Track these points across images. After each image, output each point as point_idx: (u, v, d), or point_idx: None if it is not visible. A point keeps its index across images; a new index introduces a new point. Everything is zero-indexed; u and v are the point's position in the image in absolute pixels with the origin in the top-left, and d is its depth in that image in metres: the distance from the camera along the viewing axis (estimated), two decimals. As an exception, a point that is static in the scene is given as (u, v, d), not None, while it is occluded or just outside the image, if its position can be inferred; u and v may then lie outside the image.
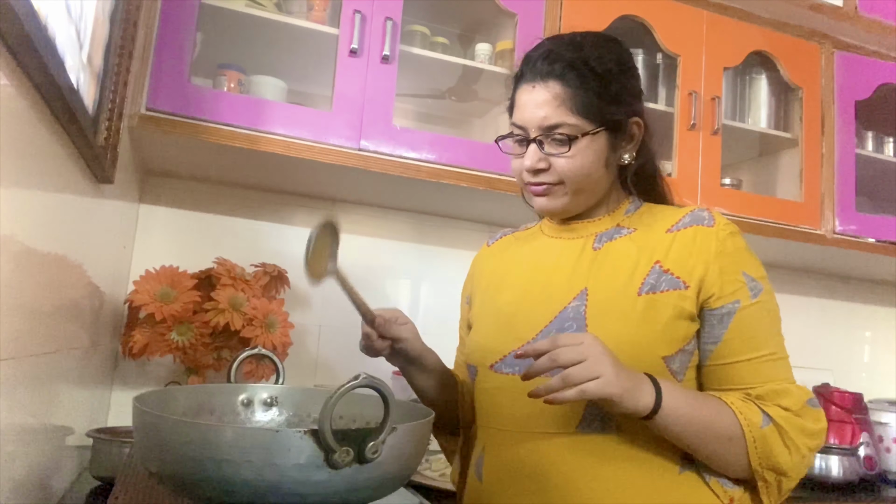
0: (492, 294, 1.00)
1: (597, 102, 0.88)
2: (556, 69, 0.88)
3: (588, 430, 0.84)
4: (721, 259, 0.86)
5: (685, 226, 0.89)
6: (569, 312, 0.87)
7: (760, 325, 0.86)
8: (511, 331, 0.91)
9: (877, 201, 2.10)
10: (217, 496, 0.60)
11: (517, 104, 0.93)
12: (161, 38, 1.31)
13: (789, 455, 0.81)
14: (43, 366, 0.81)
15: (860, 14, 1.86)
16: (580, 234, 0.96)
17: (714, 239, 0.86)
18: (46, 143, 0.73)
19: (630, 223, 0.94)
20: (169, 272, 1.40)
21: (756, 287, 0.86)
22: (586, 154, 0.89)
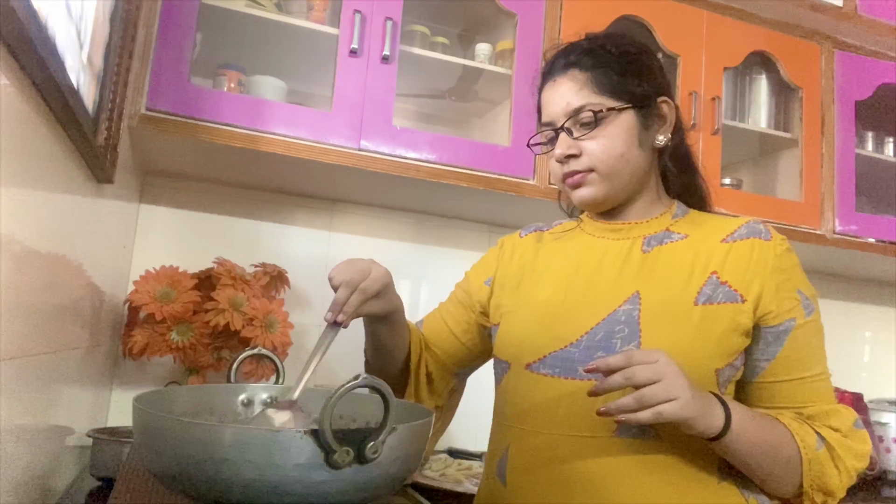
0: (528, 287, 0.95)
1: (618, 79, 0.88)
2: (573, 59, 0.89)
3: (626, 434, 0.81)
4: (778, 275, 0.84)
5: (742, 237, 0.87)
6: (619, 316, 0.84)
7: (812, 344, 0.86)
8: (552, 330, 0.88)
9: (877, 201, 2.09)
10: (217, 496, 0.60)
11: (543, 103, 0.93)
12: (161, 38, 1.31)
13: (839, 477, 0.81)
14: (43, 366, 0.81)
15: (860, 14, 1.86)
16: (627, 236, 0.92)
17: (772, 254, 0.85)
18: (46, 143, 0.73)
19: (680, 228, 0.91)
20: (169, 272, 1.40)
21: (809, 306, 0.86)
22: (615, 133, 0.87)
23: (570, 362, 0.85)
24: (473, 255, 1.92)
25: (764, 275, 0.84)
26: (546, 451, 0.84)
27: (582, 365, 0.83)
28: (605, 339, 0.84)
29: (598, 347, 0.84)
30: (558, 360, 0.85)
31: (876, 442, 1.87)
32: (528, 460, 0.85)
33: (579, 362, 0.84)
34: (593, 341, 0.84)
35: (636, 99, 0.89)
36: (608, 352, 0.83)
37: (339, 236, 1.79)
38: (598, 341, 0.84)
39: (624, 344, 0.83)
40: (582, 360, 0.83)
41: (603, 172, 0.88)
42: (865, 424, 1.83)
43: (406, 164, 1.47)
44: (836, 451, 0.81)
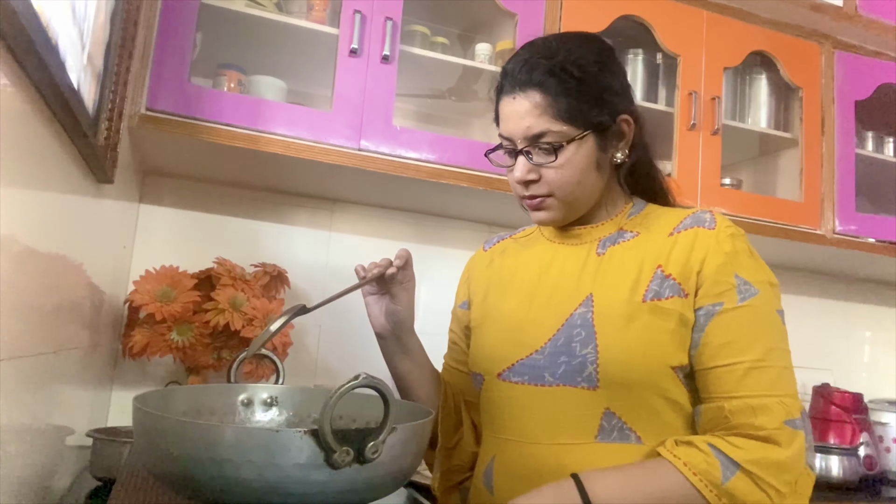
0: (494, 300, 0.97)
1: (579, 106, 0.85)
2: (535, 77, 0.85)
3: (607, 439, 0.81)
4: (715, 259, 0.82)
5: (686, 227, 0.86)
6: (576, 319, 0.85)
7: (743, 329, 0.80)
8: (518, 338, 0.89)
9: (877, 201, 2.10)
10: (217, 496, 0.60)
11: (501, 116, 0.91)
12: (161, 38, 1.31)
13: (769, 500, 0.74)
14: (43, 366, 0.81)
15: (860, 14, 1.86)
16: (584, 240, 0.93)
17: (713, 241, 0.83)
18: (46, 143, 0.73)
19: (632, 226, 0.91)
20: (169, 272, 1.40)
21: (749, 290, 0.81)
22: (575, 161, 0.86)
23: (537, 369, 0.85)
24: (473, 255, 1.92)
25: (703, 261, 0.82)
26: (529, 460, 0.84)
27: (548, 371, 0.84)
28: (565, 344, 0.84)
29: (560, 353, 0.84)
30: (526, 368, 0.86)
31: (876, 442, 1.87)
32: (513, 469, 0.86)
33: (545, 368, 0.85)
34: (556, 347, 0.85)
35: (595, 125, 0.87)
36: (570, 356, 0.83)
37: (339, 236, 1.79)
38: (560, 346, 0.84)
39: (582, 347, 0.82)
40: (547, 367, 0.84)
41: (561, 198, 0.88)
42: (865, 425, 1.84)
43: (406, 164, 1.47)
44: (753, 473, 0.73)
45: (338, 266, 1.77)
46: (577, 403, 0.81)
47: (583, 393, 0.82)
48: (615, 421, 0.81)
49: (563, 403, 0.82)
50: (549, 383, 0.84)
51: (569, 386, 0.82)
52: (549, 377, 0.84)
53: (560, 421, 0.83)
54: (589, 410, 0.81)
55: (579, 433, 0.82)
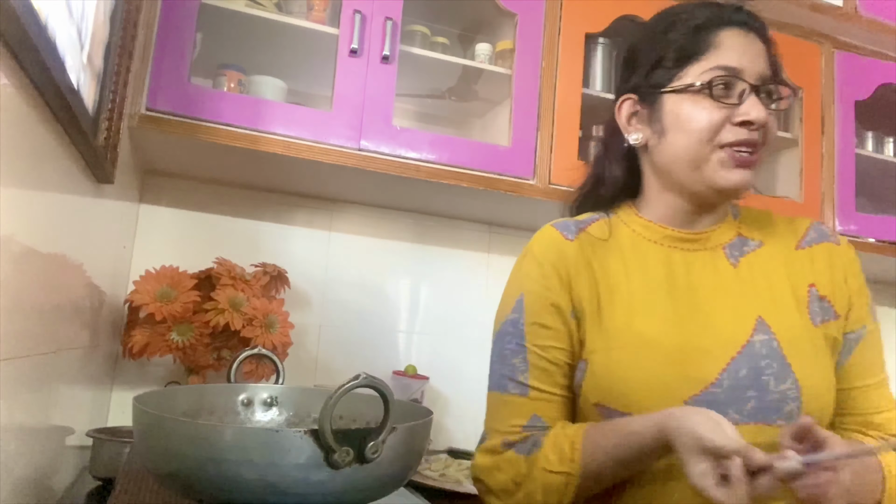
0: (611, 315, 0.80)
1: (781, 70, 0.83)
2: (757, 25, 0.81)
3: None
4: (853, 281, 0.81)
5: (815, 242, 0.83)
6: (758, 348, 0.75)
7: (877, 348, 0.82)
8: (682, 371, 0.75)
9: (877, 201, 2.09)
10: (217, 496, 0.60)
11: (723, 45, 0.78)
12: (161, 38, 1.31)
13: None
14: (43, 366, 0.81)
15: (860, 14, 1.86)
16: (705, 246, 0.82)
17: (846, 258, 0.82)
18: (46, 143, 0.73)
19: (748, 232, 0.84)
20: (169, 272, 1.40)
21: (873, 309, 0.83)
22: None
23: (717, 405, 0.70)
24: (474, 255, 1.93)
25: (848, 284, 0.81)
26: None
27: (733, 407, 0.73)
28: (751, 377, 0.74)
29: (746, 387, 0.74)
30: (702, 404, 0.72)
31: (876, 442, 1.87)
32: None
33: (728, 405, 0.73)
34: (737, 379, 0.74)
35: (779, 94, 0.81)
36: (760, 391, 0.74)
37: (339, 236, 1.79)
38: (744, 379, 0.74)
39: (778, 382, 0.74)
40: (731, 402, 0.73)
41: (764, 156, 0.80)
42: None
43: (406, 164, 1.47)
44: None
45: (338, 266, 1.77)
46: (771, 444, 0.68)
47: (776, 431, 0.71)
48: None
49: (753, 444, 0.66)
50: (737, 421, 0.71)
51: (762, 424, 0.73)
52: (734, 414, 0.73)
53: None
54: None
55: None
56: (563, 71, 1.60)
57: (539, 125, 1.57)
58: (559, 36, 1.62)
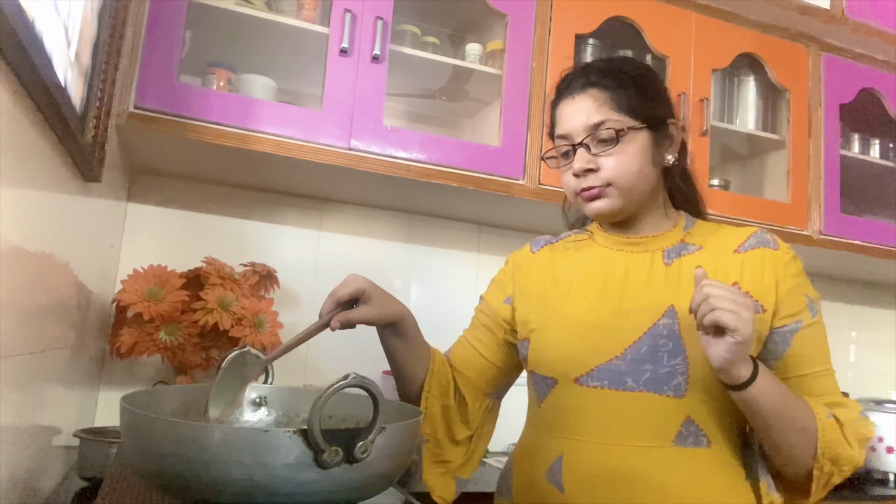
0: (555, 302, 0.97)
1: (636, 100, 0.92)
2: (592, 79, 0.94)
3: (683, 444, 0.86)
4: (787, 281, 0.90)
5: (752, 247, 0.93)
6: (661, 330, 0.89)
7: (817, 342, 0.91)
8: (594, 343, 0.91)
9: (862, 203, 2.12)
10: (206, 496, 0.59)
11: (559, 119, 0.96)
12: (150, 36, 1.30)
13: (850, 449, 0.85)
14: (29, 365, 0.80)
15: (847, 17, 1.88)
16: (646, 249, 0.96)
17: (780, 262, 0.91)
18: (33, 141, 0.72)
19: (693, 240, 0.96)
20: (157, 271, 1.40)
21: (813, 307, 0.91)
22: (632, 150, 0.91)
23: (619, 374, 0.88)
24: (463, 254, 1.93)
25: (777, 283, 0.90)
26: (606, 461, 0.87)
27: (631, 377, 0.88)
28: (650, 353, 0.88)
29: (644, 360, 0.88)
30: (605, 373, 0.89)
31: (861, 441, 1.89)
32: (588, 468, 0.88)
33: (627, 374, 0.88)
34: (639, 354, 0.88)
35: (651, 119, 0.93)
36: (655, 365, 0.88)
37: (329, 236, 1.79)
38: (644, 354, 0.88)
39: (670, 358, 0.87)
40: (630, 373, 0.88)
41: (621, 187, 0.92)
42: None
43: (396, 164, 1.47)
44: (843, 424, 0.85)
45: (328, 265, 1.77)
46: (658, 410, 0.86)
47: (667, 400, 0.86)
48: (693, 427, 0.86)
49: (644, 409, 0.87)
50: (632, 389, 0.88)
51: (653, 393, 0.87)
52: (632, 382, 0.88)
53: (639, 424, 0.87)
54: (671, 417, 0.86)
55: (658, 437, 0.86)
56: (553, 71, 1.60)
57: (529, 126, 1.58)
58: (549, 36, 1.62)
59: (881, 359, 2.41)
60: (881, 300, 2.45)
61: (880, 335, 2.43)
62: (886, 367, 2.41)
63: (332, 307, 0.92)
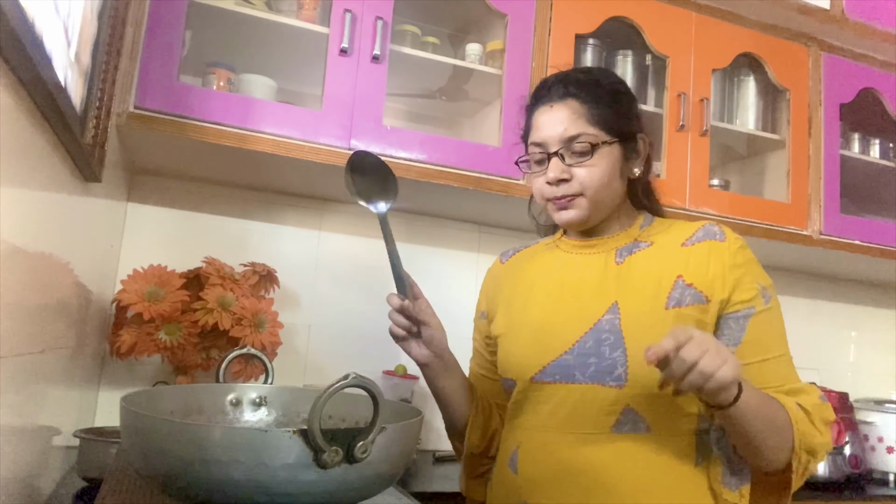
0: (518, 309, 1.03)
1: (611, 116, 0.96)
2: (572, 90, 0.97)
3: (621, 430, 0.90)
4: (735, 271, 0.92)
5: (699, 240, 0.95)
6: (603, 325, 0.92)
7: (772, 328, 0.93)
8: (547, 342, 0.96)
9: (862, 203, 2.12)
10: (205, 496, 0.59)
11: (535, 126, 0.99)
12: (150, 35, 1.30)
13: (820, 436, 0.87)
14: (29, 365, 0.80)
15: (847, 17, 1.88)
16: (601, 250, 1.00)
17: (727, 252, 0.93)
18: (33, 140, 0.72)
19: (646, 237, 1.00)
20: (157, 271, 1.39)
21: (766, 294, 0.93)
22: (604, 164, 0.95)
23: (568, 368, 0.93)
24: (463, 254, 1.93)
25: (723, 272, 0.92)
26: (552, 445, 0.93)
27: (578, 370, 0.92)
28: (594, 347, 0.92)
29: (589, 354, 0.92)
30: (557, 368, 0.94)
31: (861, 441, 1.89)
32: (537, 454, 0.95)
33: (575, 368, 0.93)
34: (584, 349, 0.93)
35: (623, 135, 0.97)
36: (599, 357, 0.91)
37: (329, 236, 1.79)
38: (589, 348, 0.92)
39: (612, 351, 0.91)
40: (576, 366, 0.93)
41: (591, 198, 0.96)
42: (851, 424, 1.86)
43: (396, 164, 1.47)
44: (810, 413, 0.88)
45: (328, 265, 1.77)
46: (602, 400, 0.90)
47: (609, 391, 0.90)
48: (632, 415, 0.90)
49: (589, 399, 0.91)
50: (580, 381, 0.92)
51: (597, 384, 0.91)
52: (579, 375, 0.92)
53: (583, 414, 0.92)
54: (612, 406, 0.90)
55: (598, 425, 0.91)
56: (553, 72, 1.60)
57: (529, 125, 1.58)
58: (549, 37, 1.62)
59: (881, 359, 2.41)
60: (881, 300, 2.45)
61: (880, 335, 2.43)
62: (886, 367, 2.41)
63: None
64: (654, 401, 0.90)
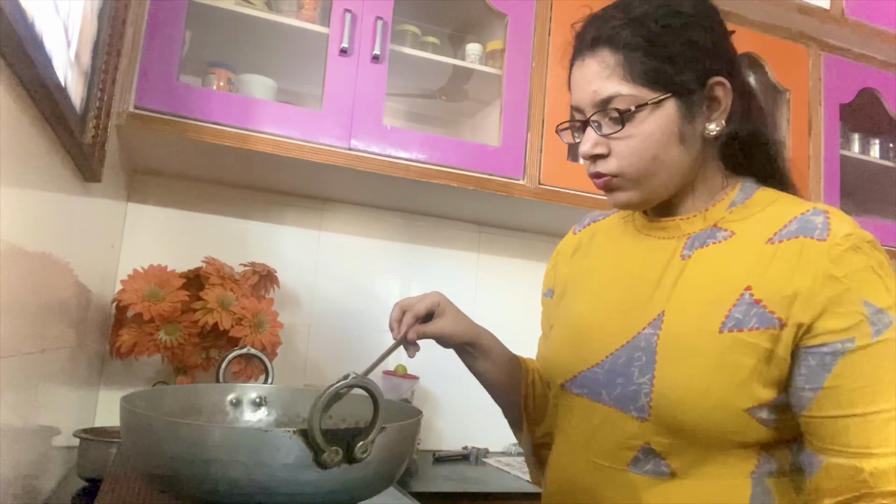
0: (570, 298, 0.87)
1: (654, 64, 0.72)
2: (603, 34, 0.74)
3: (639, 470, 0.73)
4: (832, 285, 0.66)
5: (790, 236, 0.70)
6: (640, 341, 0.74)
7: (881, 370, 0.65)
8: (581, 347, 0.80)
9: (862, 203, 2.12)
10: (205, 496, 0.59)
11: (572, 85, 0.79)
12: (149, 36, 1.30)
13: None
14: (29, 365, 0.80)
15: (847, 17, 1.88)
16: (671, 235, 0.79)
17: (826, 258, 0.67)
18: (33, 141, 0.72)
19: (730, 222, 0.76)
20: (157, 271, 1.39)
21: (882, 320, 0.65)
22: (648, 131, 0.73)
23: (596, 384, 0.77)
24: (463, 254, 1.93)
25: (811, 287, 0.66)
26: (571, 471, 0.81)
27: (605, 389, 0.76)
28: (625, 365, 0.75)
29: (618, 373, 0.75)
30: (587, 381, 0.78)
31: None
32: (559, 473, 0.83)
33: (604, 386, 0.76)
34: (616, 364, 0.76)
35: (677, 86, 0.73)
36: (626, 379, 0.74)
37: (329, 236, 1.79)
38: (620, 366, 0.75)
39: (640, 374, 0.73)
40: (605, 384, 0.76)
41: (631, 177, 0.75)
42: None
43: (396, 164, 1.47)
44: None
45: (328, 265, 1.77)
46: (622, 429, 0.74)
47: (631, 421, 0.73)
48: (652, 456, 0.73)
49: (610, 426, 0.76)
50: (605, 402, 0.76)
51: (621, 411, 0.74)
52: (605, 395, 0.76)
53: (602, 440, 0.77)
54: (630, 440, 0.74)
55: (615, 458, 0.75)
56: (553, 71, 1.60)
57: (529, 126, 1.58)
58: (549, 36, 1.62)
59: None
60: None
61: (880, 335, 2.43)
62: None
63: (412, 322, 0.84)
64: (681, 444, 0.71)
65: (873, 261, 0.67)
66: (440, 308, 0.87)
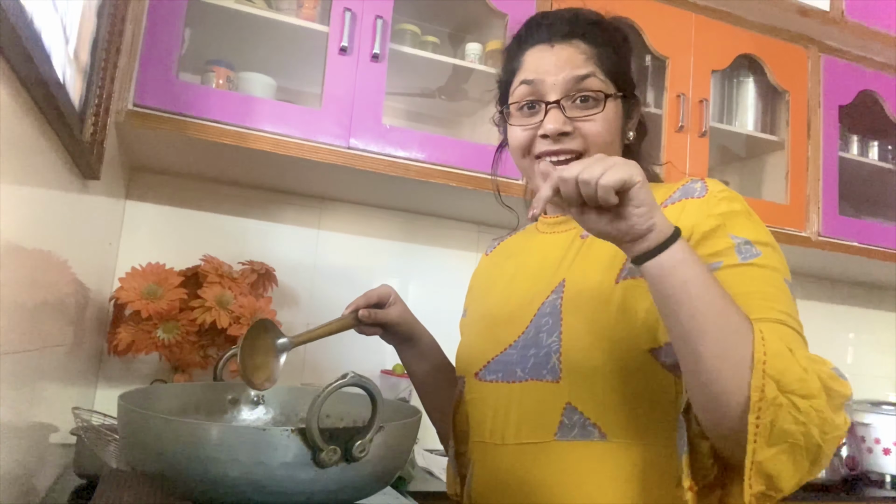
0: (480, 300, 0.94)
1: (620, 66, 0.81)
2: (578, 29, 0.81)
3: (567, 437, 0.73)
4: (708, 222, 0.71)
5: (675, 201, 0.75)
6: (545, 308, 0.77)
7: (748, 286, 0.66)
8: (494, 335, 0.83)
9: (861, 205, 2.12)
10: (203, 495, 0.59)
11: (526, 67, 0.82)
12: (149, 33, 1.30)
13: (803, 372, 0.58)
14: (27, 363, 0.80)
15: (847, 18, 1.88)
16: (572, 226, 0.84)
17: (704, 206, 0.72)
18: (32, 138, 0.72)
19: None
20: (155, 269, 1.39)
21: (749, 251, 0.69)
22: (610, 119, 0.79)
23: (510, 365, 0.79)
24: (462, 254, 1.93)
25: (692, 228, 0.70)
26: (498, 462, 0.79)
27: (519, 366, 0.77)
28: (534, 335, 0.77)
29: (530, 345, 0.77)
30: (500, 365, 0.81)
31: (858, 442, 1.89)
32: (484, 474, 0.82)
33: (517, 364, 0.78)
34: (527, 339, 0.78)
35: (627, 90, 0.82)
36: (537, 348, 0.76)
37: (328, 235, 1.79)
38: (530, 338, 0.78)
39: (548, 337, 0.75)
40: (519, 361, 0.78)
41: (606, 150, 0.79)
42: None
43: (395, 163, 1.47)
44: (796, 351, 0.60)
45: (326, 264, 1.77)
46: (540, 399, 0.75)
47: (546, 386, 0.74)
48: (577, 416, 0.73)
49: (528, 400, 0.76)
50: (520, 379, 0.77)
51: (535, 380, 0.75)
52: (520, 372, 0.78)
53: (524, 419, 0.76)
54: (550, 406, 0.74)
55: (539, 431, 0.75)
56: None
57: (528, 125, 1.58)
58: (549, 36, 1.62)
59: (879, 361, 2.41)
60: (879, 302, 2.45)
61: (878, 337, 2.43)
62: (884, 369, 2.41)
63: (362, 304, 0.91)
64: (599, 396, 0.72)
65: (744, 208, 0.73)
66: (391, 299, 0.93)
